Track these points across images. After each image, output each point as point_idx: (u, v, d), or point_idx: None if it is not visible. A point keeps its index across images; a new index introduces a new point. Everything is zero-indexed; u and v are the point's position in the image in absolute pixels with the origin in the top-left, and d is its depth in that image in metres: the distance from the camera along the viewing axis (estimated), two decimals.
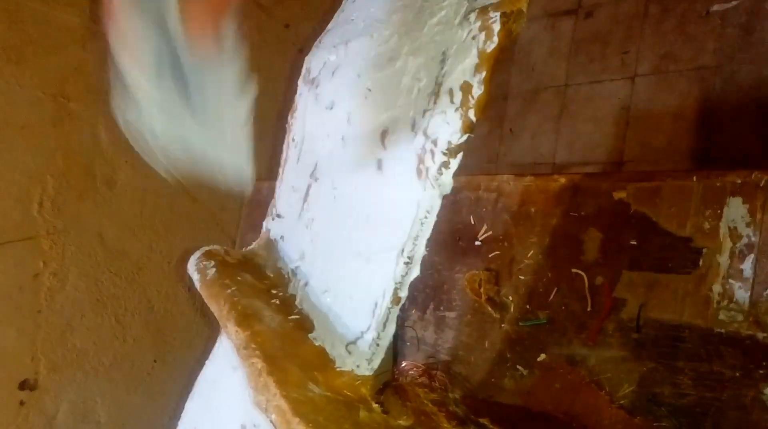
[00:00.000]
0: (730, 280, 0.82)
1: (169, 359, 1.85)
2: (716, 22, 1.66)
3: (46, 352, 1.61)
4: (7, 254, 1.54)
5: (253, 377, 0.67)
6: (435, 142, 0.66)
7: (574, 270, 0.97)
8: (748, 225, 0.82)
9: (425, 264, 1.15)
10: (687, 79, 1.71)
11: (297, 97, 1.05)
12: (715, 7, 1.67)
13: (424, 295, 1.17)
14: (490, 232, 1.10)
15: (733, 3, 1.63)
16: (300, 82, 1.04)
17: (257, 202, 1.75)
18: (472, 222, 1.12)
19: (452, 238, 1.15)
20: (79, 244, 1.66)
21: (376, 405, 0.66)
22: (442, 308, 1.15)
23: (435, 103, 0.68)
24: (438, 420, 0.77)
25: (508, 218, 1.07)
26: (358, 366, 0.70)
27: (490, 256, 1.09)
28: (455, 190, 1.12)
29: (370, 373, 0.69)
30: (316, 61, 0.98)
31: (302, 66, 1.06)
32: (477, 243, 1.11)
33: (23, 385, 1.58)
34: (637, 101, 1.82)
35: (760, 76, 1.57)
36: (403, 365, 1.14)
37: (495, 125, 2.15)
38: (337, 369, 0.70)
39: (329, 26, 1.03)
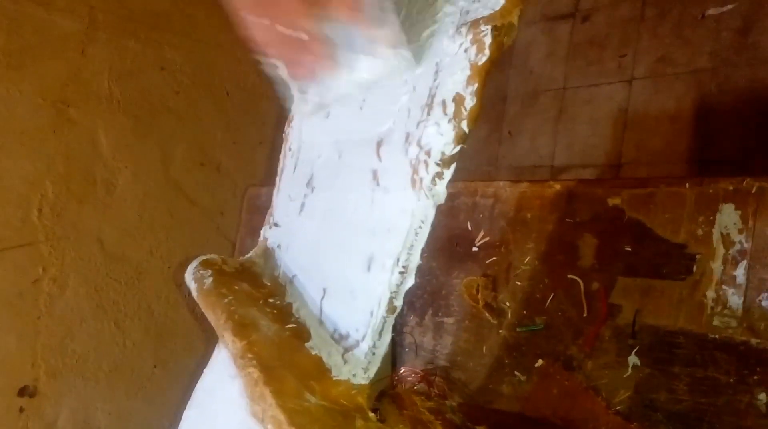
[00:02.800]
0: (724, 286, 0.83)
1: (169, 364, 1.85)
2: (712, 25, 1.67)
3: (46, 358, 1.62)
4: (7, 260, 1.54)
5: (250, 387, 0.67)
6: (429, 153, 0.66)
7: (570, 276, 0.98)
8: (740, 231, 0.82)
9: (423, 270, 1.16)
10: (683, 82, 1.72)
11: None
12: (711, 11, 1.67)
13: (422, 301, 1.18)
14: (487, 238, 1.10)
15: (729, 7, 1.63)
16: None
17: (256, 208, 1.76)
18: (470, 228, 1.13)
19: (450, 243, 1.16)
20: (79, 249, 1.66)
21: (372, 414, 0.66)
22: (440, 314, 1.15)
23: (428, 114, 0.68)
24: (434, 428, 0.78)
25: (505, 224, 1.08)
26: (354, 375, 0.70)
27: (487, 261, 1.09)
28: (452, 196, 1.14)
29: (367, 382, 0.70)
30: None
31: None
32: (474, 249, 1.12)
33: (23, 392, 1.58)
34: (635, 104, 1.83)
35: (755, 79, 1.58)
36: (401, 371, 1.15)
37: (494, 128, 2.16)
38: (334, 378, 0.70)
39: None
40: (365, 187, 0.76)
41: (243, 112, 2.02)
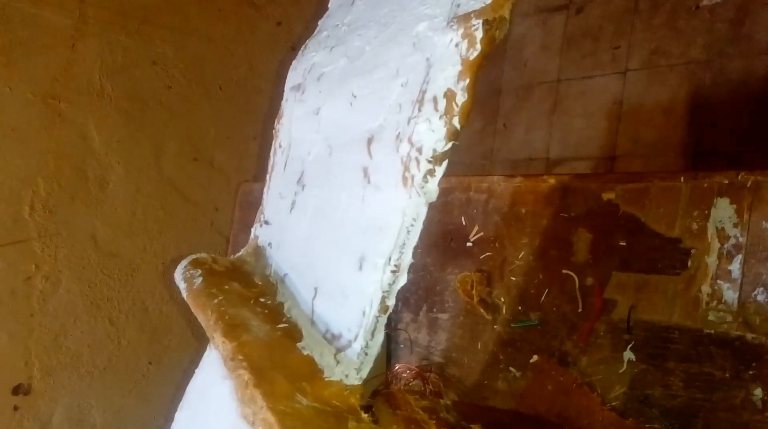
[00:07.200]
0: (719, 281, 0.82)
1: (164, 361, 1.85)
2: (706, 16, 1.66)
3: (40, 356, 1.61)
4: None
5: (240, 389, 0.66)
6: (420, 150, 0.65)
7: (564, 271, 0.97)
8: (735, 225, 0.81)
9: (417, 266, 1.15)
10: (677, 74, 1.71)
11: (283, 104, 1.04)
12: (705, 2, 1.66)
13: (417, 297, 1.17)
14: (481, 234, 1.09)
15: None
16: (286, 88, 1.04)
17: (249, 204, 1.75)
18: (464, 223, 1.12)
19: (444, 239, 1.15)
20: (72, 246, 1.65)
21: (365, 415, 0.66)
22: (434, 310, 1.15)
23: (419, 110, 0.67)
24: (428, 427, 0.77)
25: (499, 219, 1.07)
26: (346, 375, 0.69)
27: (481, 257, 1.09)
28: (446, 191, 1.13)
29: (359, 383, 0.69)
30: (301, 67, 0.97)
31: (288, 72, 1.05)
32: (468, 244, 1.11)
33: (17, 390, 1.58)
34: (629, 96, 1.82)
35: (749, 71, 1.57)
36: (396, 368, 1.14)
37: (488, 121, 2.15)
38: (326, 379, 0.69)
39: (315, 31, 1.02)
40: (356, 185, 0.75)
41: (236, 106, 2.01)
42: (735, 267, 0.81)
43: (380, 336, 0.69)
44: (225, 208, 1.96)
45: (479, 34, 0.62)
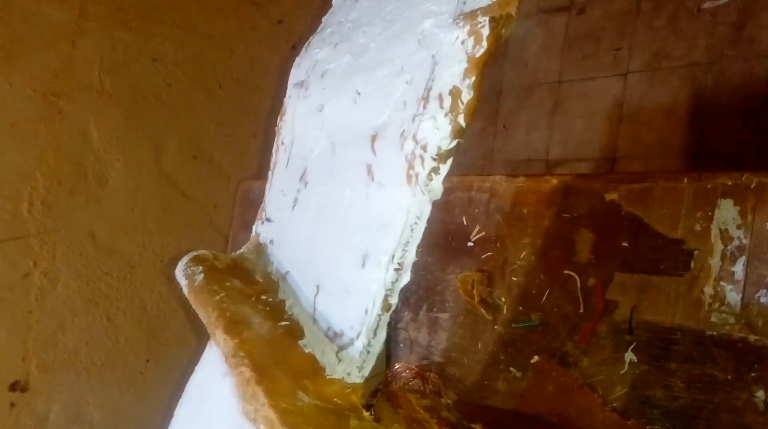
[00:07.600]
0: (722, 283, 0.82)
1: (162, 359, 1.84)
2: (707, 19, 1.66)
3: (38, 352, 1.60)
4: None
5: (242, 386, 0.66)
6: (424, 148, 0.65)
7: (566, 271, 0.97)
8: (739, 227, 0.81)
9: (418, 265, 1.15)
10: (678, 76, 1.71)
11: (286, 100, 1.04)
12: (707, 5, 1.66)
13: (417, 297, 1.17)
14: (482, 233, 1.09)
15: (724, 0, 1.62)
16: (289, 84, 1.03)
17: (249, 202, 1.75)
18: (465, 223, 1.12)
19: (445, 238, 1.14)
20: (70, 243, 1.64)
21: (367, 413, 0.65)
22: (435, 309, 1.14)
23: (424, 107, 0.67)
24: (430, 427, 0.77)
25: (501, 219, 1.07)
26: (348, 373, 0.69)
27: (482, 257, 1.08)
28: (448, 191, 1.12)
29: (361, 381, 0.69)
30: (305, 64, 0.97)
31: (292, 68, 1.05)
32: (470, 244, 1.11)
33: (14, 387, 1.57)
34: (630, 98, 1.82)
35: (750, 73, 1.57)
36: (396, 367, 1.14)
37: (489, 121, 2.15)
38: (328, 377, 0.69)
39: (319, 28, 1.02)
40: (359, 182, 0.74)
41: (236, 104, 2.00)
42: (738, 268, 0.81)
43: (382, 334, 0.69)
44: (224, 206, 1.96)
45: (486, 32, 0.62)
